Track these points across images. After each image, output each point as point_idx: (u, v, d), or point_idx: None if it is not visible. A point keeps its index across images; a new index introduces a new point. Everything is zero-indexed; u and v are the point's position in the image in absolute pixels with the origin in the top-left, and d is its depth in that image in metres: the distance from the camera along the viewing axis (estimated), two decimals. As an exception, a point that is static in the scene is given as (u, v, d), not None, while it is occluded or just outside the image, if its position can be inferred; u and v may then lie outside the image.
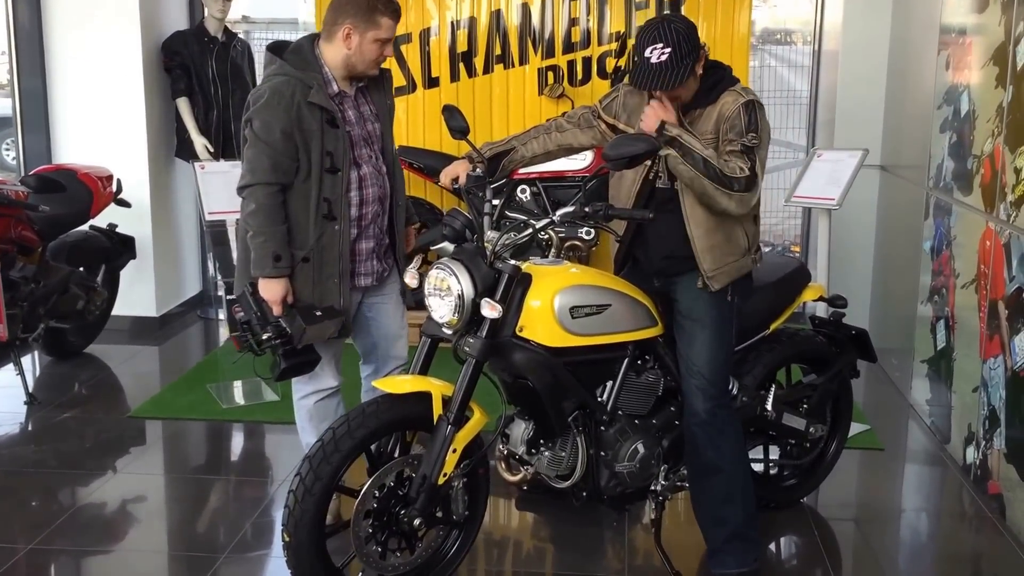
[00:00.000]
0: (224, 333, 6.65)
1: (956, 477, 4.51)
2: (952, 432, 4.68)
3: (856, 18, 6.36)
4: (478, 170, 3.53)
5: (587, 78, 6.56)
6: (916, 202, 5.39)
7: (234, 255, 5.49)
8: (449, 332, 3.19)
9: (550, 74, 6.54)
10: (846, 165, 5.21)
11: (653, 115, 3.20)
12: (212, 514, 4.21)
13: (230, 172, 5.45)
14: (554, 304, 3.16)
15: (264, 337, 3.55)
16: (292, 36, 8.13)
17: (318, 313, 3.56)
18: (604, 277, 3.41)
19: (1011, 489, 3.94)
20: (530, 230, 3.25)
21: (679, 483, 3.63)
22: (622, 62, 6.39)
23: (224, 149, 6.69)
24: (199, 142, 6.60)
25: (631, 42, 6.38)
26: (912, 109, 5.73)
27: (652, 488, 3.56)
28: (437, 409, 3.11)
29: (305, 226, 3.54)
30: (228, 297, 5.37)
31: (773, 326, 3.79)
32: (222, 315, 6.56)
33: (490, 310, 3.02)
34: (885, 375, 5.79)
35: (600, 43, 6.52)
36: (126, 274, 6.41)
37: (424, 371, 3.32)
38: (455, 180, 3.55)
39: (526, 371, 3.17)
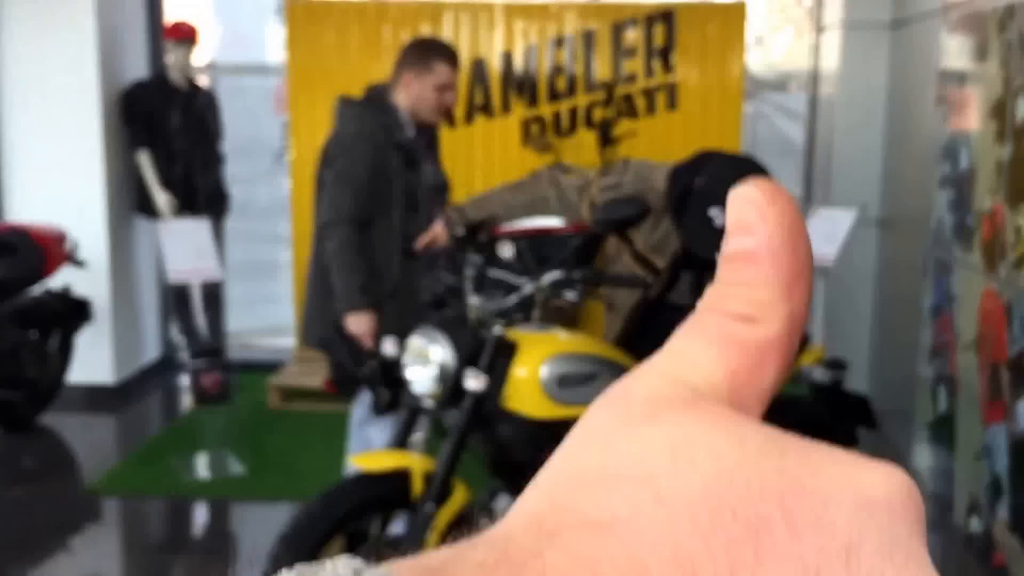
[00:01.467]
0: (187, 401, 6.72)
1: (959, 548, 4.64)
2: (955, 501, 4.81)
3: (853, 65, 6.56)
4: (459, 231, 3.67)
5: (573, 128, 6.72)
6: (915, 259, 5.55)
7: (198, 316, 5.65)
8: (431, 403, 3.31)
9: (534, 125, 6.70)
10: (842, 223, 5.39)
11: None
12: (177, 596, 4.28)
13: (194, 230, 5.57)
14: (541, 374, 3.28)
15: (368, 373, 3.71)
16: (261, 82, 8.34)
17: None
18: (593, 344, 3.54)
19: (1016, 561, 4.06)
20: (516, 296, 3.39)
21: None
22: (609, 112, 6.55)
23: (188, 205, 6.78)
24: (161, 198, 6.68)
25: (619, 91, 6.56)
26: (911, 162, 5.91)
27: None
28: (417, 487, 3.20)
29: (389, 263, 3.90)
30: (192, 363, 5.45)
31: (768, 392, 3.92)
32: (185, 381, 6.63)
33: (475, 383, 3.14)
34: (885, 439, 5.92)
35: (587, 92, 6.70)
36: (81, 339, 6.46)
37: (403, 444, 3.43)
38: (430, 246, 3.70)
39: (512, 445, 3.28)
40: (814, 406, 4.18)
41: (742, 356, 0.38)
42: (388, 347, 3.47)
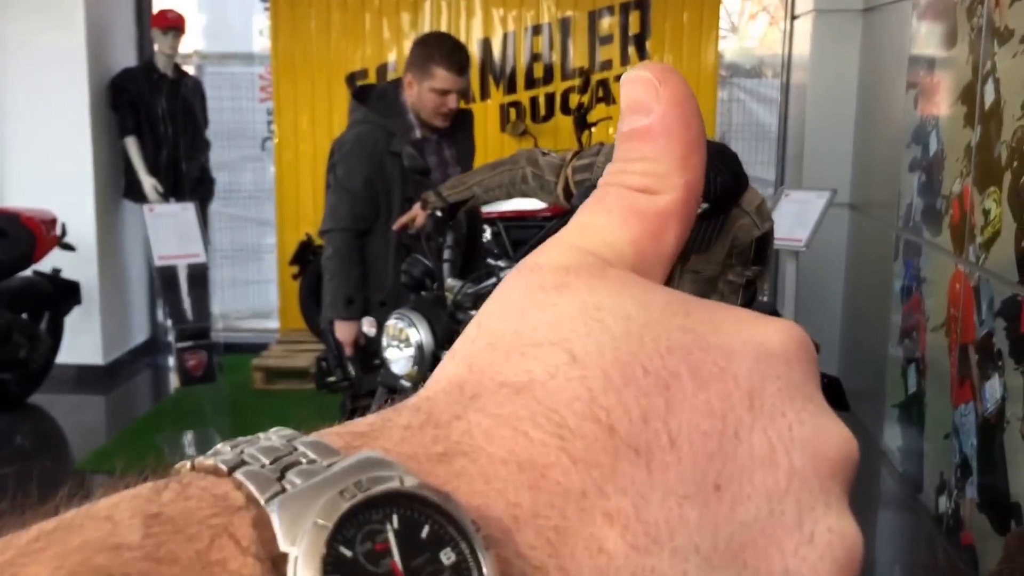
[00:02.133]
0: (174, 381, 6.64)
1: (928, 528, 4.57)
2: (924, 481, 4.74)
3: (824, 51, 6.48)
4: (438, 212, 3.57)
5: (550, 114, 6.64)
6: (886, 242, 5.48)
7: (184, 300, 5.56)
8: (408, 384, 3.22)
9: (512, 110, 6.62)
10: (814, 206, 5.31)
11: None
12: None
13: (180, 214, 5.48)
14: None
15: (330, 380, 3.84)
16: (247, 70, 8.22)
17: (377, 362, 3.78)
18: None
19: (983, 540, 3.99)
20: (493, 279, 3.29)
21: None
22: (585, 99, 6.47)
23: (174, 190, 6.70)
24: (148, 183, 6.61)
25: (595, 77, 6.47)
26: (881, 146, 5.84)
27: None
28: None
29: (384, 270, 3.84)
30: (177, 344, 5.37)
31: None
32: (171, 362, 6.56)
33: (450, 364, 3.04)
34: (856, 419, 5.85)
35: (563, 79, 6.61)
36: (70, 321, 6.39)
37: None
38: (408, 227, 3.60)
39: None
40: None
41: (643, 225, 0.39)
42: (367, 328, 3.38)
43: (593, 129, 5.96)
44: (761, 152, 7.58)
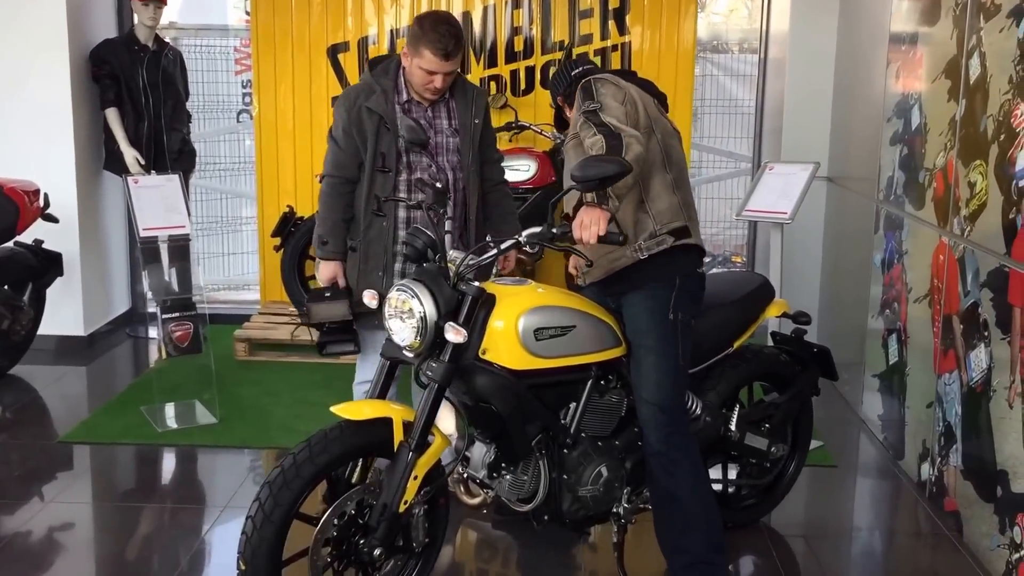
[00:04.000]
0: (156, 352, 6.57)
1: (911, 494, 4.59)
2: (906, 448, 4.77)
3: (802, 26, 6.47)
4: (439, 184, 3.52)
5: (530, 88, 6.59)
6: (865, 215, 5.50)
7: (167, 270, 5.50)
8: (410, 355, 3.18)
9: (492, 84, 6.57)
10: (798, 179, 5.30)
11: (588, 226, 3.03)
12: (147, 544, 4.12)
13: (164, 186, 5.40)
14: (518, 326, 3.16)
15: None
16: (223, 43, 8.10)
17: (327, 294, 4.02)
18: (568, 297, 3.42)
19: (968, 506, 4.02)
20: (495, 251, 3.26)
21: (642, 505, 3.65)
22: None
23: (156, 161, 6.61)
24: (129, 154, 6.52)
25: (576, 51, 6.43)
26: (860, 120, 5.84)
27: (614, 511, 3.58)
28: (398, 435, 3.09)
29: (358, 218, 4.01)
30: (163, 316, 5.31)
31: (736, 344, 3.83)
32: (153, 333, 6.48)
33: (455, 335, 3.01)
34: (835, 389, 5.88)
35: (544, 52, 6.56)
36: (52, 292, 6.30)
37: (384, 395, 3.31)
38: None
39: (489, 395, 3.16)
40: (778, 356, 4.09)
41: None
42: (368, 300, 3.33)
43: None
44: (737, 127, 7.56)
